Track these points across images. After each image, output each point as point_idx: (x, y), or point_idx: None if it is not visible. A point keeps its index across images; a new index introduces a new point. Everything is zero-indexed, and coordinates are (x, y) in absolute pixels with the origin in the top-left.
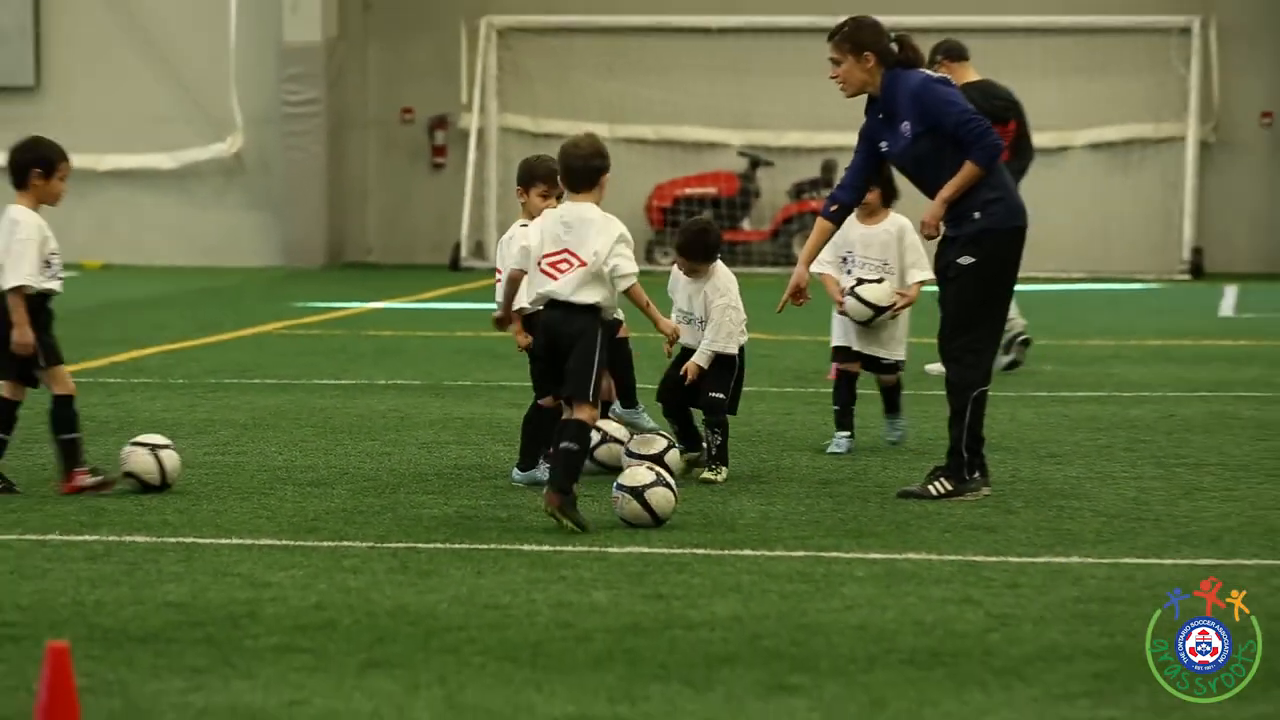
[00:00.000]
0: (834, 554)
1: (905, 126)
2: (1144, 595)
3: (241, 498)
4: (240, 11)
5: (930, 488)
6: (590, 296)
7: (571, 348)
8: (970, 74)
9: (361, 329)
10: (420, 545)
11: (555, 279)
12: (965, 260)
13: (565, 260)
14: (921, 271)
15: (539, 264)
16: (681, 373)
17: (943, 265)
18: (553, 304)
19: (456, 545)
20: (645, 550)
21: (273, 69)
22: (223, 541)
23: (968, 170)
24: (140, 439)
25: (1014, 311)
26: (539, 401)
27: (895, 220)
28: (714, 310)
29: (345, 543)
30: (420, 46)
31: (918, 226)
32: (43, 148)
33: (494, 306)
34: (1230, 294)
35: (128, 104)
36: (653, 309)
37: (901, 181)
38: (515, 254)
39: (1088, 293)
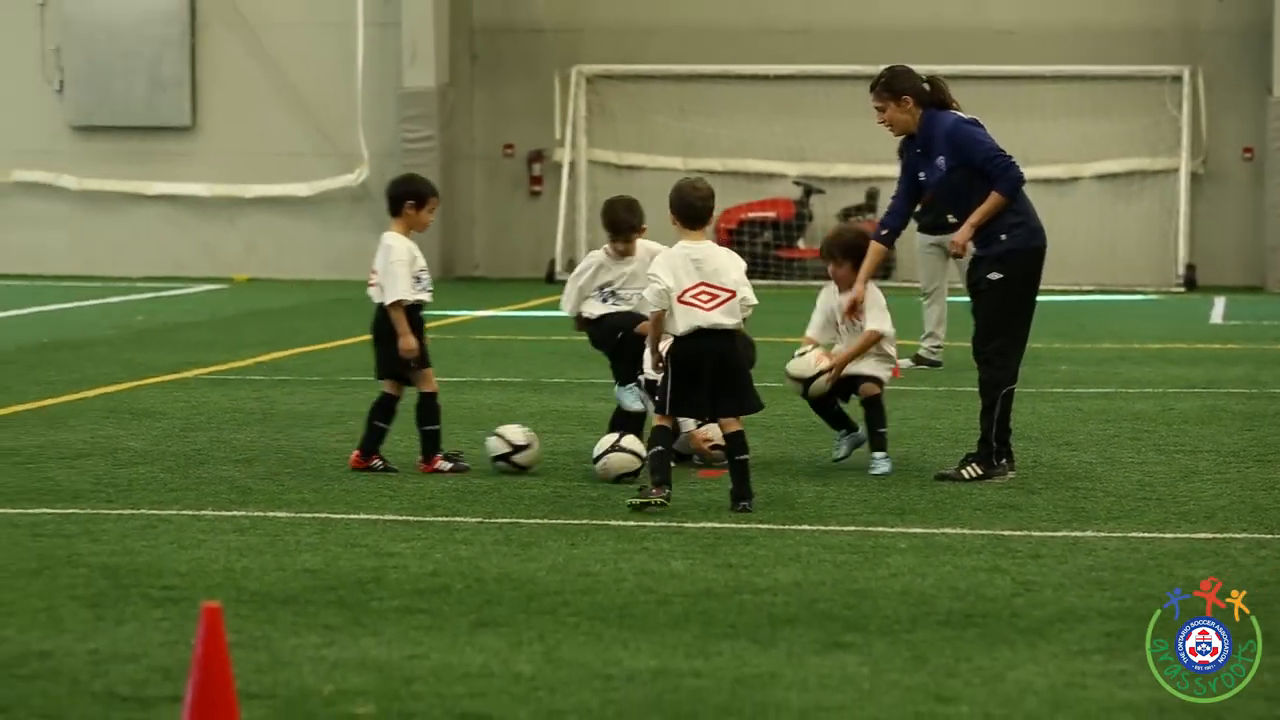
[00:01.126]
0: (880, 529)
1: (940, 160)
2: (1149, 564)
3: (368, 479)
4: (366, 62)
5: (963, 472)
6: (734, 321)
7: (724, 366)
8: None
9: (470, 333)
10: (522, 520)
11: (704, 309)
12: (994, 276)
13: (705, 292)
14: (874, 322)
15: (680, 298)
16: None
17: (974, 280)
18: (704, 332)
19: (554, 521)
20: (717, 525)
21: (394, 111)
22: (352, 517)
23: (994, 199)
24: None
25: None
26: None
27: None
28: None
29: (458, 518)
30: (520, 91)
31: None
32: (417, 183)
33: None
34: (1219, 304)
35: (270, 141)
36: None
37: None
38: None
39: (1096, 303)
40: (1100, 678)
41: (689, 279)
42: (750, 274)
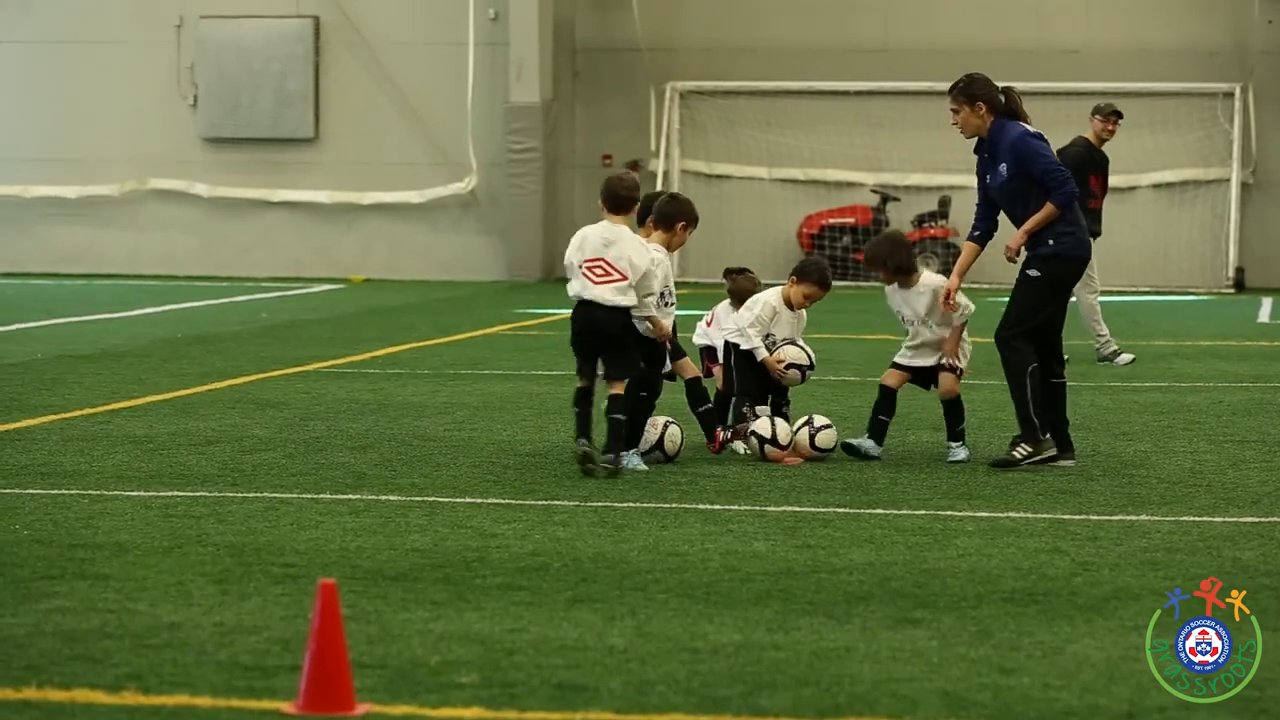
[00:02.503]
0: (949, 513)
1: (1003, 167)
2: (1199, 546)
3: (474, 465)
4: (476, 78)
5: (1015, 453)
6: (622, 300)
7: (600, 335)
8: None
9: (569, 330)
10: (616, 504)
11: (593, 282)
12: (1033, 273)
13: (600, 267)
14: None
15: (579, 267)
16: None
17: (1020, 271)
18: (584, 302)
19: (645, 504)
20: (796, 509)
21: (501, 124)
22: (458, 500)
23: (1047, 209)
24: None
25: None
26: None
27: (929, 280)
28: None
29: (556, 502)
30: (618, 105)
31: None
32: (690, 208)
33: (680, 312)
34: (1267, 304)
35: (386, 151)
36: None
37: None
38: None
39: (1152, 303)
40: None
41: (592, 253)
42: (831, 275)
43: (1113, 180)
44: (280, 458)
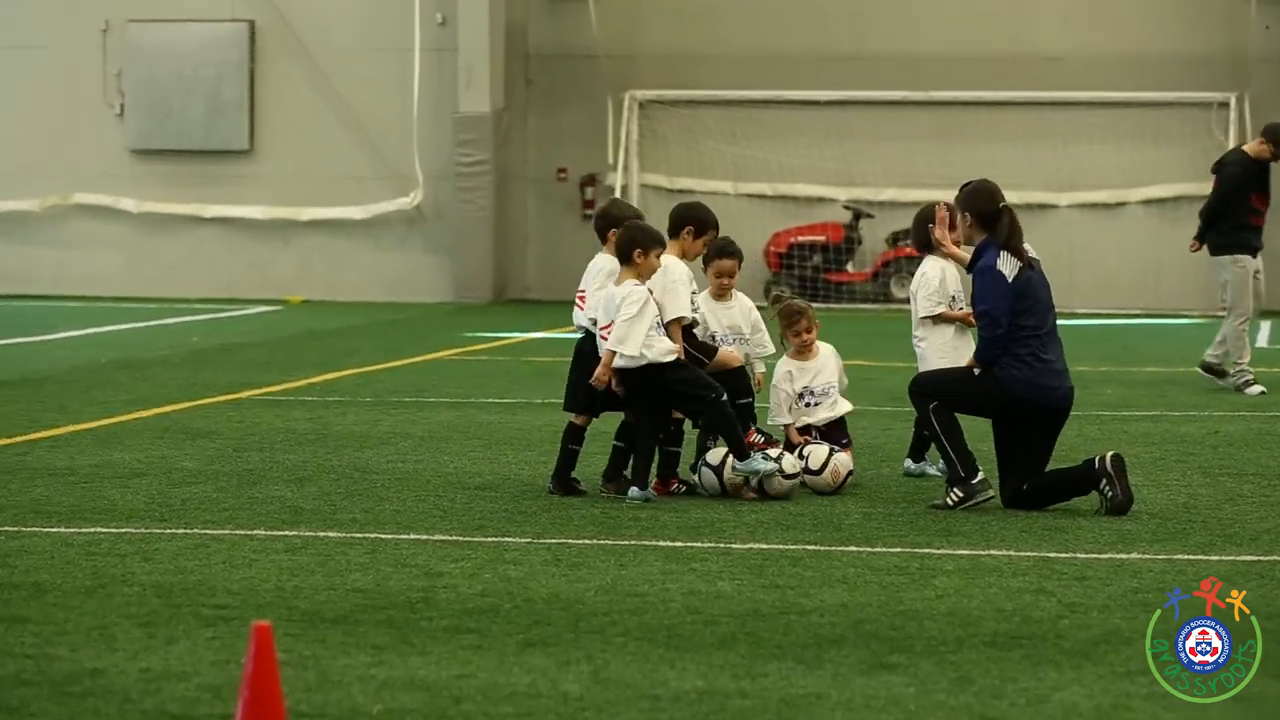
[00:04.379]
0: (927, 550)
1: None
2: (1194, 587)
3: (419, 499)
4: (422, 86)
5: (948, 499)
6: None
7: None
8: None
9: (521, 355)
10: (571, 541)
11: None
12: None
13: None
14: None
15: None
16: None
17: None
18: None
19: (602, 541)
20: (764, 546)
21: (449, 135)
22: (402, 537)
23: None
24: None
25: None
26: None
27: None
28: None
29: (507, 539)
30: (573, 116)
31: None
32: (702, 212)
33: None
34: (1265, 328)
35: (326, 164)
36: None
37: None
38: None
39: (1143, 326)
40: (1146, 699)
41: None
42: (801, 296)
43: (1100, 196)
44: (212, 491)
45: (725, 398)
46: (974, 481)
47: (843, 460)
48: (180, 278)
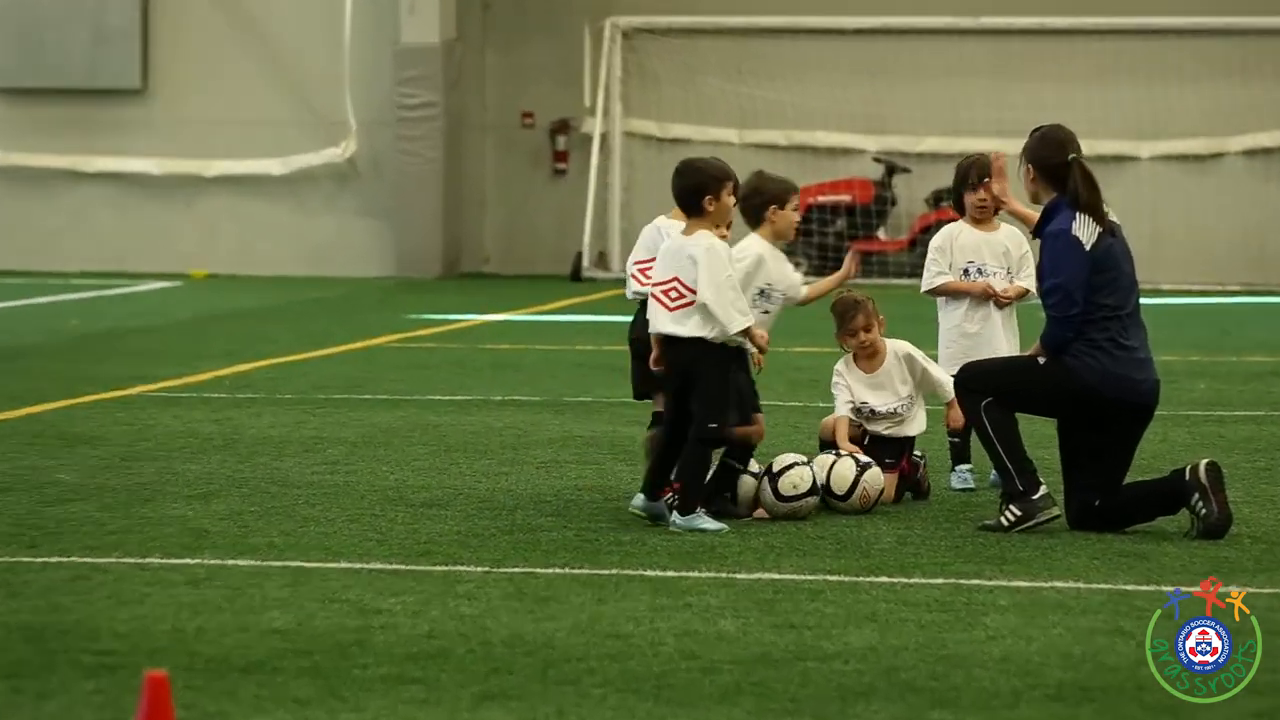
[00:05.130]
0: (975, 581)
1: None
2: None
3: (351, 519)
4: (355, 12)
5: (1001, 519)
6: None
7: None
8: None
9: (478, 342)
10: (538, 570)
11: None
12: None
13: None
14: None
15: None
16: None
17: None
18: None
19: (576, 570)
20: (775, 576)
21: (388, 71)
22: (331, 566)
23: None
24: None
25: None
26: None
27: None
28: None
29: (459, 567)
30: (542, 48)
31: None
32: (775, 185)
33: (619, 319)
34: None
35: (237, 107)
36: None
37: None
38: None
39: (1244, 305)
40: None
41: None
42: (820, 269)
43: (1190, 146)
44: (94, 510)
45: (717, 436)
46: (1035, 497)
47: (873, 479)
48: (58, 247)
